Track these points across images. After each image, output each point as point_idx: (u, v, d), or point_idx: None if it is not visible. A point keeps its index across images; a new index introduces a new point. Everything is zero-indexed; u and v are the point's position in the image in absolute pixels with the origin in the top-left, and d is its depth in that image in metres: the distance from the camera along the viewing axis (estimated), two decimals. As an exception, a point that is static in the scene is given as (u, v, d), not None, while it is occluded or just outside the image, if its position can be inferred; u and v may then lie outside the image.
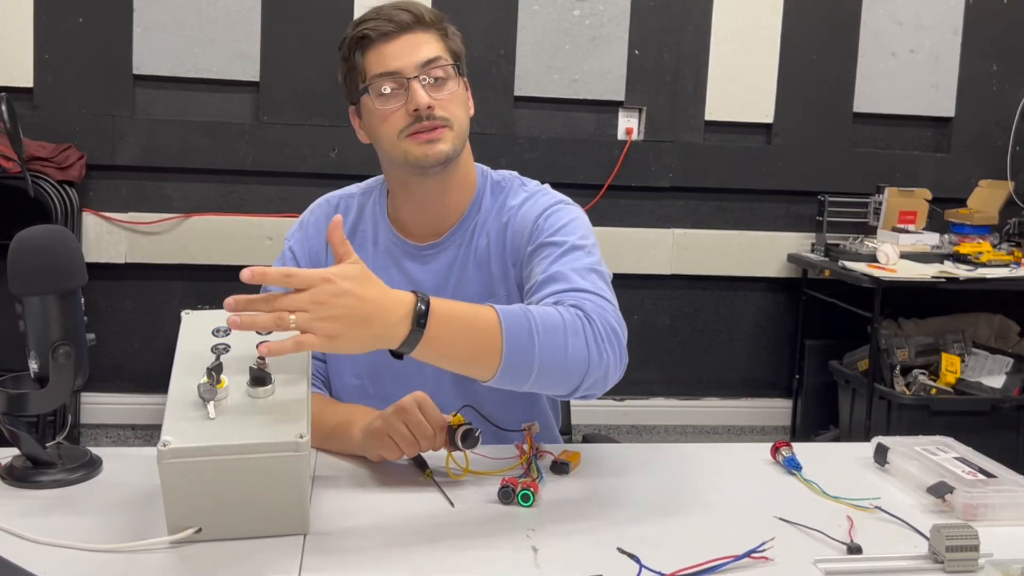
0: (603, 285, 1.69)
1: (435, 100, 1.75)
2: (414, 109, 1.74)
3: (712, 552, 1.34)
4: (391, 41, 1.76)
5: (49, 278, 1.51)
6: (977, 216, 4.28)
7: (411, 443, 1.60)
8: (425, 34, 1.78)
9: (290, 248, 1.95)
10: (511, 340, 1.47)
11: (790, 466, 1.71)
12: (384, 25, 1.76)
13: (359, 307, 1.36)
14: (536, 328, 1.49)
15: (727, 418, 4.56)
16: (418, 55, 1.76)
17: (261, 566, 1.30)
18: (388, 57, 1.76)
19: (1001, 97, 4.54)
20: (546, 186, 1.95)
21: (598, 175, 4.27)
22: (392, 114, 1.76)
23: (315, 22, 4.05)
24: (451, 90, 1.78)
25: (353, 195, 1.99)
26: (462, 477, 1.62)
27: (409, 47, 1.76)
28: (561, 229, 1.79)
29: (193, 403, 1.35)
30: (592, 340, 1.54)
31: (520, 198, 1.89)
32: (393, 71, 1.75)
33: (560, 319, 1.52)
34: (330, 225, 1.43)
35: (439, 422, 1.61)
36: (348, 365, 1.93)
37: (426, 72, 1.75)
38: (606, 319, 1.58)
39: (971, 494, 1.55)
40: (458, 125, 1.79)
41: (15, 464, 1.56)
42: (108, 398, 4.11)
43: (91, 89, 3.97)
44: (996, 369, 3.99)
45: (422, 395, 1.63)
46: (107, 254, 4.01)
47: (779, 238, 4.48)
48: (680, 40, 4.31)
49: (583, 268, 1.70)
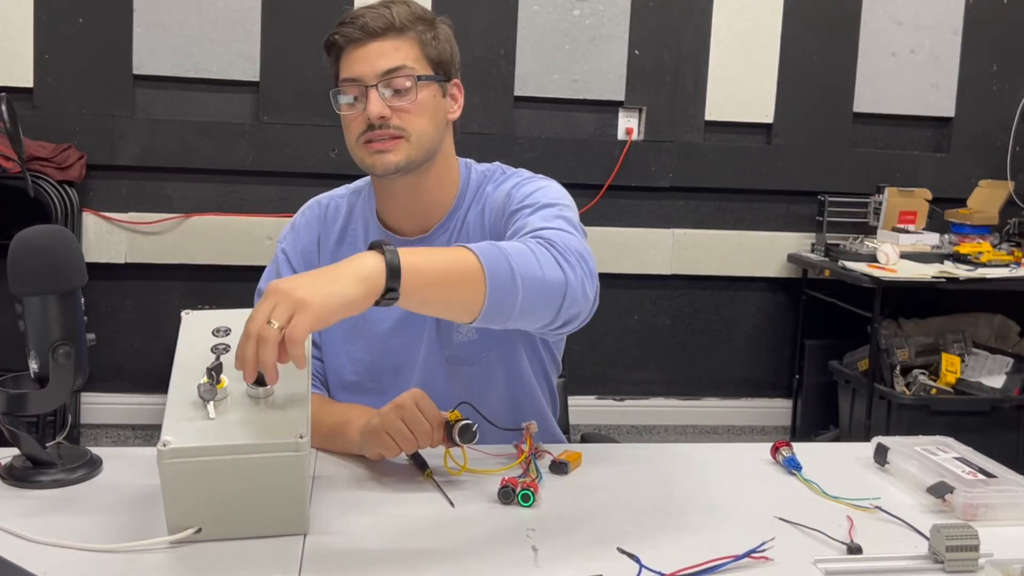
0: (569, 227, 1.67)
1: (394, 109, 1.76)
2: (367, 118, 1.76)
3: (712, 552, 1.34)
4: (358, 48, 1.77)
5: (49, 278, 1.51)
6: (977, 216, 4.28)
7: (409, 440, 1.60)
8: (396, 40, 1.77)
9: (283, 250, 1.97)
10: (492, 274, 1.44)
11: (790, 466, 1.71)
12: (353, 32, 1.76)
13: (278, 288, 1.32)
14: (511, 257, 1.47)
15: (727, 418, 4.55)
16: (380, 64, 1.76)
17: (261, 566, 1.30)
18: (353, 63, 1.77)
19: (1001, 97, 4.54)
20: (525, 170, 1.95)
21: (598, 175, 4.27)
22: (353, 120, 1.79)
23: (315, 22, 4.05)
24: (412, 100, 1.78)
25: (343, 196, 2.01)
26: (460, 474, 1.62)
27: (373, 55, 1.76)
28: (532, 194, 1.80)
29: (193, 403, 1.36)
30: (563, 259, 1.53)
31: (499, 183, 1.91)
32: (355, 78, 1.77)
33: (527, 248, 1.52)
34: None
35: (437, 418, 1.61)
36: (346, 362, 1.94)
37: (386, 81, 1.76)
38: (568, 243, 1.58)
39: (971, 494, 1.55)
40: (417, 135, 1.79)
41: (15, 464, 1.56)
42: (108, 398, 4.11)
43: (91, 89, 3.97)
44: (996, 369, 3.99)
45: (419, 392, 1.64)
46: (107, 254, 4.01)
47: (779, 238, 4.48)
48: (680, 40, 4.32)
49: (550, 216, 1.70)
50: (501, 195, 1.86)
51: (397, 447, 1.62)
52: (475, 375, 1.91)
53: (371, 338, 1.92)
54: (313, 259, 1.94)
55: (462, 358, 1.92)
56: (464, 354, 1.91)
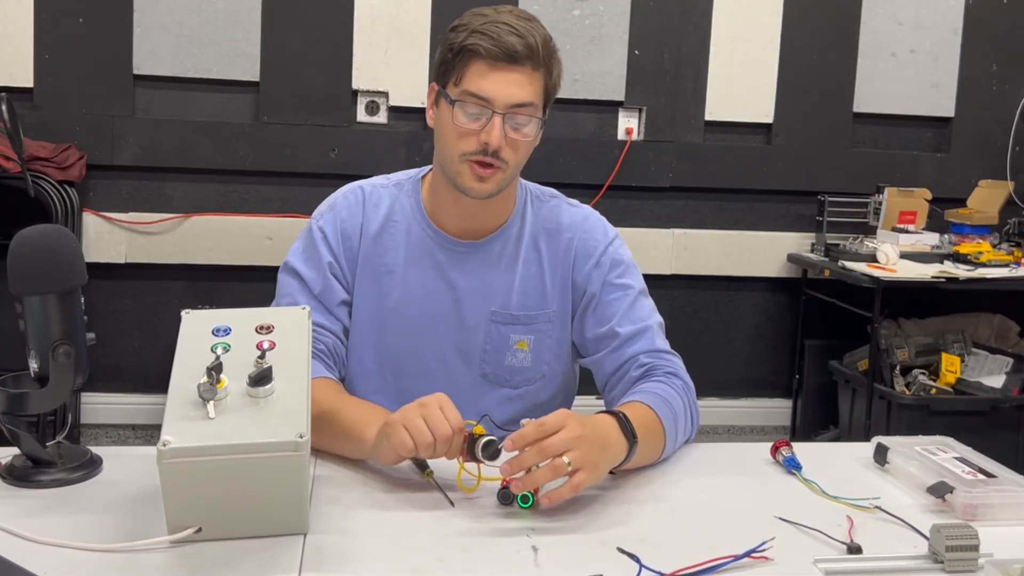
0: (664, 334, 1.96)
1: (507, 141, 1.77)
2: (485, 142, 1.75)
3: (712, 552, 1.34)
4: (494, 69, 1.75)
5: (49, 278, 1.51)
6: (977, 216, 4.28)
7: (426, 439, 1.49)
8: (531, 74, 1.77)
9: (320, 228, 1.91)
10: (670, 435, 1.71)
11: (790, 466, 1.71)
12: (494, 50, 1.74)
13: (596, 435, 1.49)
14: (677, 425, 1.74)
15: (727, 418, 4.55)
16: (512, 94, 1.75)
17: (261, 566, 1.30)
18: (485, 82, 1.75)
19: (1001, 97, 4.55)
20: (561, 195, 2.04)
21: (598, 175, 4.27)
22: (464, 135, 1.78)
23: (315, 22, 4.05)
24: (525, 135, 1.79)
25: (384, 186, 1.97)
26: (474, 490, 1.55)
27: (507, 82, 1.75)
28: (623, 271, 1.96)
29: (193, 403, 1.35)
30: (694, 413, 1.84)
31: (572, 216, 1.98)
32: (485, 98, 1.75)
33: (682, 407, 1.78)
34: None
35: (458, 425, 1.52)
36: (371, 350, 1.92)
37: (513, 113, 1.76)
38: (690, 385, 1.87)
39: (971, 494, 1.55)
40: (514, 167, 1.81)
41: (15, 463, 1.56)
42: (108, 398, 4.11)
43: (91, 89, 3.97)
44: (996, 369, 3.99)
45: (445, 396, 1.56)
46: (107, 254, 4.01)
47: (779, 238, 4.48)
48: (680, 40, 4.32)
49: (655, 323, 1.94)
50: (554, 221, 1.96)
51: (412, 444, 1.51)
52: (509, 396, 1.94)
53: (400, 332, 1.91)
54: (352, 244, 1.90)
55: (506, 379, 1.93)
56: (509, 376, 1.93)
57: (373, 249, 1.90)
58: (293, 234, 2.00)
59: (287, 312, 1.54)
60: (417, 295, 1.90)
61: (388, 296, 1.90)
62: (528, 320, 1.92)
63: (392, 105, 4.12)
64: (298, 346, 1.46)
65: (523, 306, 1.92)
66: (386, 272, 1.90)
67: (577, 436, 1.44)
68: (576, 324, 1.95)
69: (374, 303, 1.90)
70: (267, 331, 1.47)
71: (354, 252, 1.90)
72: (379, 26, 4.09)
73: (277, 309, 1.65)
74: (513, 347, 1.91)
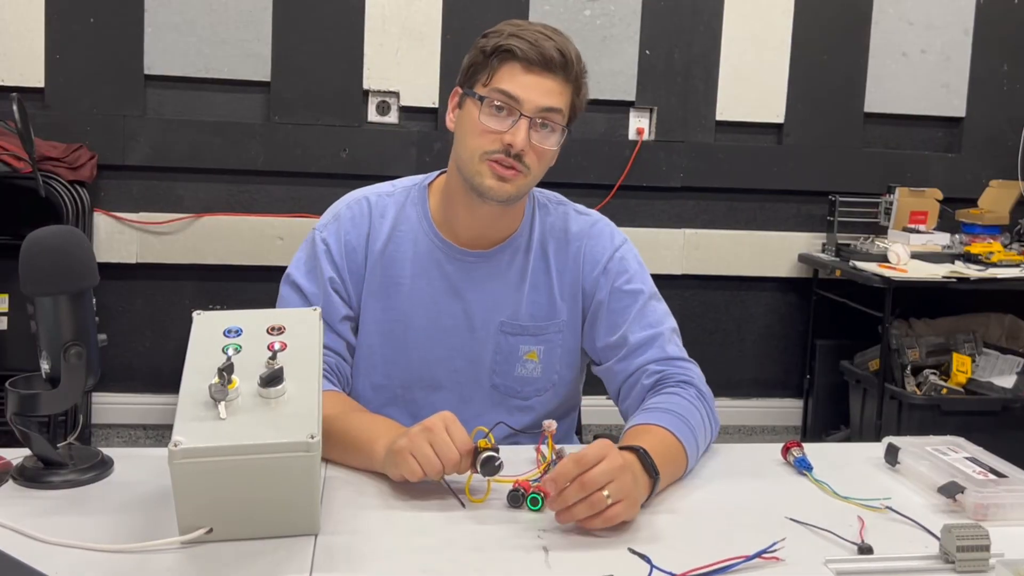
0: (680, 340, 1.94)
1: (532, 145, 1.77)
2: (508, 143, 1.75)
3: (723, 552, 1.34)
4: (529, 72, 1.75)
5: (61, 279, 1.51)
6: (988, 216, 4.27)
7: (435, 465, 1.50)
8: (564, 83, 1.78)
9: (323, 239, 1.88)
10: (691, 454, 1.68)
11: (801, 466, 1.71)
12: (532, 53, 1.74)
13: (628, 470, 1.46)
14: (698, 439, 1.71)
15: (738, 418, 4.55)
16: (543, 99, 1.76)
17: (272, 566, 1.30)
18: (519, 83, 1.75)
19: (1012, 97, 4.53)
20: (569, 201, 2.02)
21: (609, 175, 4.27)
22: (487, 133, 1.77)
23: (326, 22, 4.06)
24: (548, 144, 1.79)
25: (389, 194, 1.94)
26: (481, 501, 1.54)
27: (541, 87, 1.76)
28: (631, 276, 1.94)
29: (204, 403, 1.35)
30: (713, 419, 1.81)
31: (580, 224, 1.97)
32: (516, 97, 1.75)
33: (699, 418, 1.75)
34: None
35: (466, 445, 1.52)
36: (379, 364, 1.90)
37: (541, 117, 1.76)
38: (705, 391, 1.85)
39: (982, 494, 1.55)
40: (534, 175, 1.81)
41: (27, 464, 1.57)
42: (119, 398, 4.12)
43: (102, 89, 3.98)
44: (1007, 369, 3.98)
45: (450, 415, 1.55)
46: (118, 254, 4.02)
47: (790, 238, 4.47)
48: (691, 40, 4.31)
49: (667, 328, 1.92)
50: (562, 229, 1.95)
51: (421, 471, 1.51)
52: (520, 407, 1.93)
53: (409, 344, 1.89)
54: (357, 257, 1.88)
55: (516, 390, 1.92)
56: (520, 387, 1.92)
57: (379, 262, 1.88)
58: (304, 234, 1.97)
59: (298, 313, 1.54)
60: (426, 307, 1.89)
61: (396, 308, 1.88)
62: (537, 331, 1.91)
63: (403, 105, 4.12)
64: (309, 347, 1.46)
65: (532, 316, 1.91)
66: (393, 284, 1.88)
67: (619, 466, 1.42)
68: (587, 332, 1.94)
69: (382, 316, 1.89)
70: (278, 332, 1.47)
71: (359, 265, 1.88)
72: (390, 26, 4.10)
73: (288, 310, 1.65)
74: (523, 358, 1.91)
